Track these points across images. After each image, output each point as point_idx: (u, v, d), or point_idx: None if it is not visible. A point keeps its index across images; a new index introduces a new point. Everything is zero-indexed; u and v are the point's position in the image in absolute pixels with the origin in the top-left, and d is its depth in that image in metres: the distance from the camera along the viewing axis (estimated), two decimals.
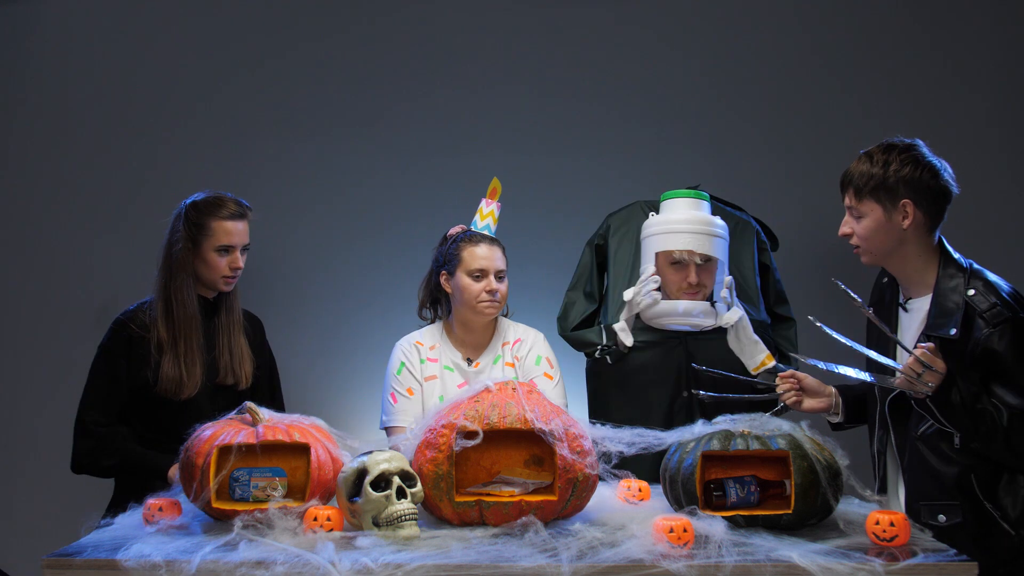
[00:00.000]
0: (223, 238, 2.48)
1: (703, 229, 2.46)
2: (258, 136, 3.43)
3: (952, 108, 3.32)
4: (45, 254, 3.45)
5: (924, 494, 2.10)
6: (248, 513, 1.78)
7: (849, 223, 2.18)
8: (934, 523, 2.05)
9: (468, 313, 2.56)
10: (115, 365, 2.46)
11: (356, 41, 3.45)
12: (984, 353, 2.03)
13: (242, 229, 2.51)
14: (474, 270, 2.52)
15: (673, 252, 2.46)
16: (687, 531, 1.64)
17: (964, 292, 2.09)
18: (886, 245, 2.15)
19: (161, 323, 2.45)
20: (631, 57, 3.41)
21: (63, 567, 1.63)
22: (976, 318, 2.05)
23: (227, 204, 2.50)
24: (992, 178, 3.27)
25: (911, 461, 2.14)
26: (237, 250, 2.51)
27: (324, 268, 3.44)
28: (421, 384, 2.57)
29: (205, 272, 2.50)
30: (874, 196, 2.12)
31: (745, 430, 1.88)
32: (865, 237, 2.16)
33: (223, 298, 2.58)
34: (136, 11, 3.49)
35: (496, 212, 2.64)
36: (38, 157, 3.48)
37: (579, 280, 2.76)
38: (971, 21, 3.36)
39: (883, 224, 2.13)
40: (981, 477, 2.06)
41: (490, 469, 1.97)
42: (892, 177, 2.10)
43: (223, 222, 2.48)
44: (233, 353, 2.54)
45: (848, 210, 2.18)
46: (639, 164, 3.34)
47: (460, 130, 3.41)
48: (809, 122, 3.36)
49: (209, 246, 2.48)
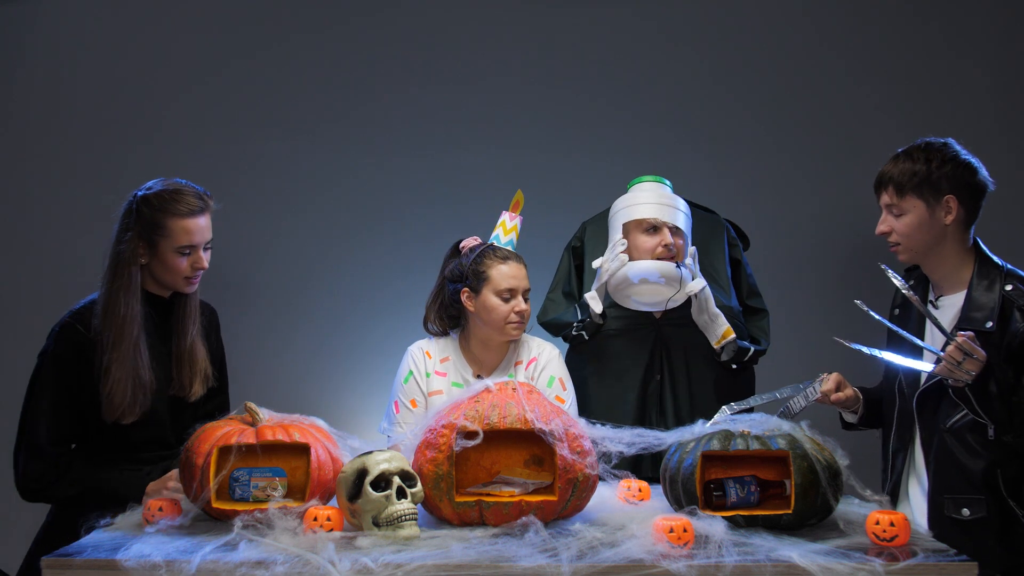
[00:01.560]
0: (183, 238, 2.19)
1: (670, 202, 2.56)
2: (257, 134, 3.44)
3: (951, 109, 3.33)
4: (45, 254, 3.45)
5: (949, 487, 2.12)
6: (248, 513, 1.78)
7: (888, 221, 2.21)
8: (958, 516, 2.08)
9: (492, 333, 2.46)
10: (64, 374, 2.16)
11: (353, 40, 3.46)
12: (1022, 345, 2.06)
13: (204, 225, 2.22)
14: (503, 290, 2.42)
15: (647, 219, 2.53)
16: (687, 531, 1.64)
17: (1001, 287, 2.13)
18: (927, 241, 2.19)
19: (104, 326, 2.15)
20: (623, 58, 3.41)
21: (63, 567, 1.62)
22: (1014, 311, 2.09)
23: (185, 198, 2.20)
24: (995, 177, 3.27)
25: (938, 454, 2.15)
26: (200, 249, 2.23)
27: (323, 267, 3.44)
28: (425, 397, 2.49)
29: (164, 274, 2.22)
30: (917, 192, 2.16)
31: (745, 430, 1.88)
32: (907, 234, 2.19)
33: (178, 297, 2.30)
34: (132, 12, 3.49)
35: (519, 227, 2.57)
36: (36, 157, 3.48)
37: (558, 282, 2.80)
38: (971, 22, 3.36)
39: (926, 220, 2.17)
40: (1007, 474, 2.08)
41: (490, 469, 1.97)
42: (936, 173, 2.16)
43: (183, 220, 2.18)
44: (184, 363, 2.26)
45: (887, 208, 2.21)
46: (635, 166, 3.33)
47: (459, 129, 3.42)
48: (802, 125, 3.37)
49: (168, 246, 2.19)
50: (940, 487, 2.14)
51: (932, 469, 2.17)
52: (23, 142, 3.49)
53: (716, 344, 2.53)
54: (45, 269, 3.45)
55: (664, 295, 2.50)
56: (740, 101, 3.39)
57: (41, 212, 3.47)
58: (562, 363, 2.56)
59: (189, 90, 3.46)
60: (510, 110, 3.41)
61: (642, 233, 2.55)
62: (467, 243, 2.56)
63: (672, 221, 2.54)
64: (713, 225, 2.76)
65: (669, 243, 2.52)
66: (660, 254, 2.51)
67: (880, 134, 3.17)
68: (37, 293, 3.45)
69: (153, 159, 3.44)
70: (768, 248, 2.92)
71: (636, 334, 2.62)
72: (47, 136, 3.48)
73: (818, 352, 2.75)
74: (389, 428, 2.50)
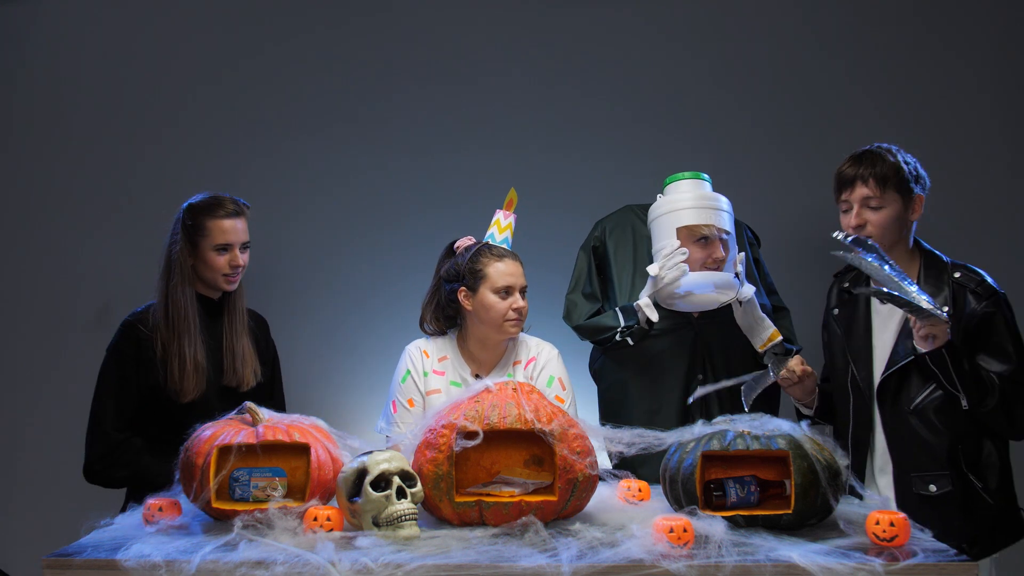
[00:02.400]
0: (219, 236, 2.50)
1: (715, 204, 2.52)
2: (259, 134, 3.44)
3: (954, 110, 3.33)
4: (45, 253, 3.46)
5: (916, 465, 2.27)
6: (248, 513, 1.78)
7: (864, 214, 2.31)
8: (925, 492, 2.24)
9: (491, 332, 2.46)
10: (126, 367, 2.46)
11: (358, 39, 3.45)
12: (980, 323, 2.22)
13: (240, 227, 2.53)
14: (500, 288, 2.42)
15: (701, 227, 2.48)
16: (687, 531, 1.64)
17: (950, 276, 2.29)
18: (895, 235, 2.33)
19: (162, 325, 2.46)
20: (629, 58, 3.41)
21: (63, 567, 1.63)
22: (967, 294, 2.25)
23: (223, 203, 2.52)
24: (994, 177, 3.28)
25: (904, 435, 2.29)
26: (236, 248, 2.52)
27: (324, 266, 3.44)
28: (423, 396, 2.49)
29: (206, 272, 2.52)
30: (897, 188, 2.30)
31: (745, 430, 1.88)
32: (883, 226, 2.31)
33: (226, 298, 2.59)
34: (134, 12, 3.49)
35: (514, 224, 2.57)
36: (36, 156, 3.48)
37: (578, 283, 2.75)
38: (971, 22, 3.36)
39: (900, 216, 2.32)
40: (966, 449, 2.24)
41: (490, 469, 1.97)
42: (912, 172, 2.32)
43: (219, 221, 2.50)
44: (236, 355, 2.55)
45: (862, 201, 2.31)
46: (635, 167, 3.34)
47: (463, 129, 3.41)
48: (804, 125, 3.36)
49: (207, 245, 2.50)
50: (906, 466, 2.28)
51: (896, 450, 2.31)
52: (23, 142, 3.49)
53: (761, 347, 2.51)
54: (47, 269, 3.45)
55: (717, 302, 2.49)
56: (740, 101, 3.39)
57: (43, 213, 3.47)
58: (561, 363, 2.56)
59: (190, 91, 3.46)
60: (511, 110, 3.41)
61: (692, 243, 2.49)
62: (462, 243, 2.55)
63: (721, 225, 2.49)
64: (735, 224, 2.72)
65: (721, 257, 2.48)
66: (709, 265, 2.49)
67: (881, 134, 3.16)
68: (38, 292, 3.45)
69: (154, 159, 3.45)
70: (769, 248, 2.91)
71: (677, 334, 2.58)
72: (48, 136, 3.48)
73: (818, 352, 2.74)
74: (387, 428, 2.50)
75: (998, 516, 2.26)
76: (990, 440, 2.28)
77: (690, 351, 2.59)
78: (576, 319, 2.69)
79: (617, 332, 2.57)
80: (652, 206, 2.62)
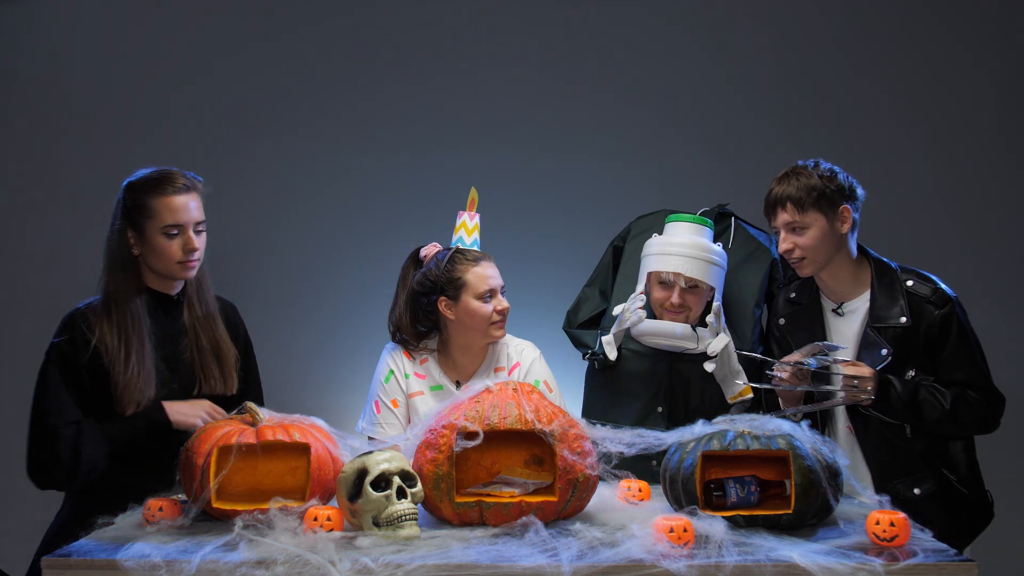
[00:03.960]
0: (167, 216, 2.11)
1: (695, 253, 2.44)
2: (255, 134, 3.44)
3: (952, 109, 3.33)
4: (45, 253, 3.46)
5: (897, 472, 2.29)
6: (248, 513, 1.78)
7: (790, 239, 2.33)
8: (911, 496, 2.26)
9: (475, 337, 2.41)
10: (75, 370, 2.11)
11: (352, 38, 3.46)
12: (940, 333, 2.26)
13: (191, 204, 2.15)
14: (483, 292, 2.36)
15: (661, 272, 2.46)
16: (687, 531, 1.64)
17: (903, 284, 2.31)
18: (829, 252, 2.33)
19: (104, 326, 2.10)
20: (624, 57, 3.41)
21: (63, 567, 1.63)
22: (924, 304, 2.27)
23: (172, 178, 2.15)
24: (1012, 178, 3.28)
25: (877, 444, 2.32)
26: (189, 228, 2.14)
27: (323, 267, 3.44)
28: (406, 397, 2.44)
29: (156, 262, 2.15)
30: (817, 206, 2.30)
31: (745, 430, 1.88)
32: (812, 247, 2.31)
33: (187, 289, 2.23)
34: (131, 11, 3.49)
35: (479, 224, 2.48)
36: (35, 155, 3.48)
37: (596, 278, 2.76)
38: (972, 23, 3.36)
39: (827, 231, 2.31)
40: (936, 447, 2.29)
41: (490, 469, 1.97)
42: (829, 186, 2.30)
43: (167, 198, 2.11)
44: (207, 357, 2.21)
45: (786, 227, 2.33)
46: (635, 166, 3.34)
47: (460, 129, 3.42)
48: (805, 125, 3.37)
49: (154, 229, 2.12)
50: (887, 474, 2.30)
51: (874, 459, 2.32)
52: (23, 141, 3.49)
53: (731, 399, 2.47)
54: (43, 267, 3.45)
55: (680, 347, 2.45)
56: (744, 101, 3.39)
57: (40, 210, 3.47)
58: (543, 363, 2.52)
59: (187, 88, 3.46)
60: (511, 110, 3.41)
61: (657, 284, 2.47)
62: (427, 251, 2.47)
63: (693, 275, 2.42)
64: (758, 256, 2.65)
65: (676, 303, 2.44)
66: (668, 308, 2.46)
67: (881, 135, 3.17)
68: (35, 291, 3.45)
69: (152, 157, 3.40)
70: None
71: (652, 359, 2.54)
72: (46, 135, 3.49)
73: None
74: (369, 428, 2.44)
75: (973, 504, 2.31)
76: None
77: (658, 381, 2.53)
78: (574, 320, 2.70)
79: (589, 352, 2.59)
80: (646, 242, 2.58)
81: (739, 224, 2.69)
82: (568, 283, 2.89)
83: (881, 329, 2.29)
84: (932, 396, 2.23)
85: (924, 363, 2.29)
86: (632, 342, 2.55)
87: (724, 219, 2.70)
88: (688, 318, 2.46)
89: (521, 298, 2.73)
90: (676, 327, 2.44)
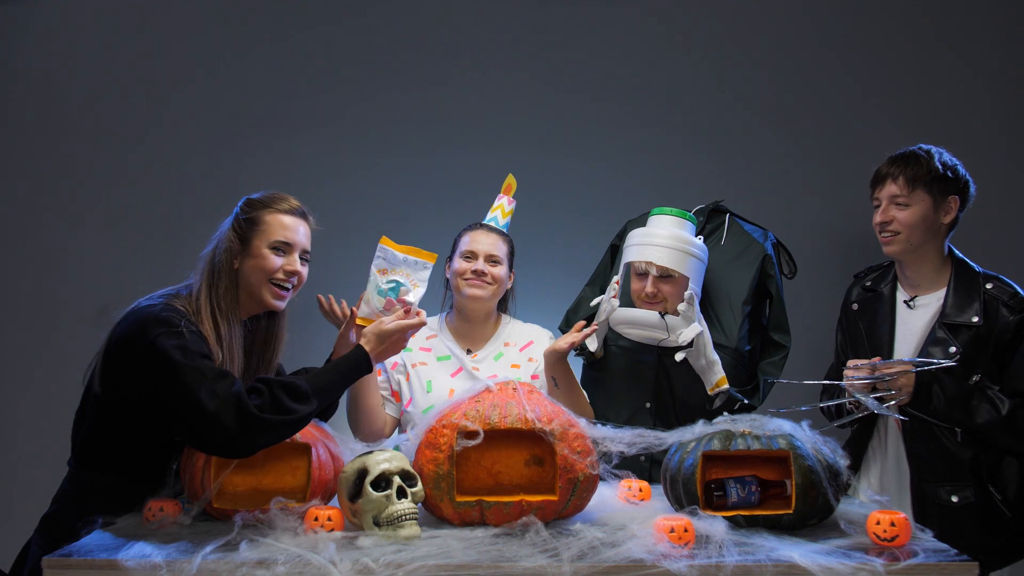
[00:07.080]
0: (278, 231, 2.07)
1: (669, 244, 2.44)
2: (255, 134, 3.43)
3: (952, 109, 3.33)
4: (45, 253, 3.45)
5: (937, 475, 2.25)
6: (248, 513, 1.79)
7: (891, 211, 2.32)
8: (947, 502, 2.22)
9: (458, 297, 2.58)
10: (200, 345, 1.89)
11: (352, 38, 3.45)
12: (1012, 339, 2.21)
13: (302, 230, 2.13)
14: (465, 252, 2.57)
15: (635, 263, 2.48)
16: (688, 531, 1.64)
17: (982, 286, 2.28)
18: (923, 236, 2.31)
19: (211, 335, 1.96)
20: (625, 57, 3.41)
21: (63, 567, 1.63)
22: (999, 307, 2.24)
23: (287, 200, 2.13)
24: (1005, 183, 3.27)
25: (926, 443, 2.27)
26: (295, 251, 2.10)
27: (323, 267, 3.43)
28: (406, 364, 2.56)
29: (253, 274, 2.06)
30: (927, 187, 2.29)
31: (746, 430, 1.88)
32: (910, 225, 2.30)
33: (265, 324, 2.17)
34: (131, 11, 3.49)
35: (506, 207, 2.64)
36: (35, 155, 3.48)
37: (596, 277, 2.79)
38: (972, 23, 3.36)
39: (929, 215, 2.30)
40: (987, 460, 2.23)
41: (491, 469, 1.97)
42: (947, 174, 2.29)
43: (280, 215, 2.09)
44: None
45: (891, 199, 2.32)
46: (634, 166, 3.34)
47: (461, 129, 3.41)
48: (806, 125, 3.36)
49: (263, 242, 2.06)
50: (926, 475, 2.27)
51: (916, 458, 2.29)
52: (22, 141, 3.49)
53: (710, 391, 2.47)
54: (44, 268, 3.45)
55: (654, 338, 2.46)
56: (742, 101, 3.38)
57: (41, 212, 3.47)
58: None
59: (188, 89, 3.46)
60: (512, 110, 3.41)
61: (635, 275, 2.50)
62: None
63: (666, 265, 2.42)
64: (749, 252, 2.64)
65: (649, 292, 2.45)
66: (644, 298, 2.47)
67: (883, 135, 3.17)
68: (34, 291, 3.45)
69: (152, 158, 3.45)
70: None
71: (639, 355, 2.55)
72: (46, 135, 3.48)
73: (819, 351, 2.74)
74: None
75: (1015, 528, 2.23)
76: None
77: (645, 377, 2.54)
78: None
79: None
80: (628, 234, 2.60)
81: (733, 220, 2.70)
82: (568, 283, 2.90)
83: (952, 327, 2.25)
84: (989, 400, 2.18)
85: (991, 369, 2.24)
86: (621, 339, 2.57)
87: (719, 215, 2.71)
88: (664, 308, 2.47)
89: (522, 298, 2.76)
90: (646, 314, 2.45)
